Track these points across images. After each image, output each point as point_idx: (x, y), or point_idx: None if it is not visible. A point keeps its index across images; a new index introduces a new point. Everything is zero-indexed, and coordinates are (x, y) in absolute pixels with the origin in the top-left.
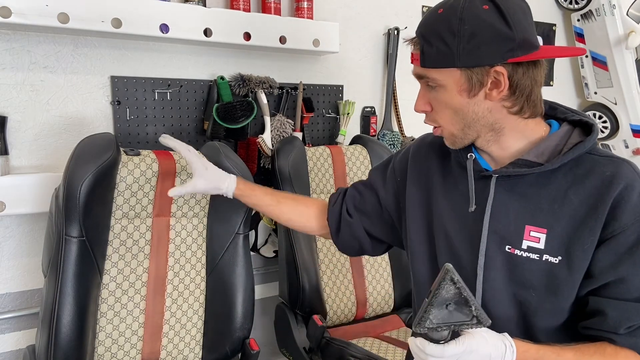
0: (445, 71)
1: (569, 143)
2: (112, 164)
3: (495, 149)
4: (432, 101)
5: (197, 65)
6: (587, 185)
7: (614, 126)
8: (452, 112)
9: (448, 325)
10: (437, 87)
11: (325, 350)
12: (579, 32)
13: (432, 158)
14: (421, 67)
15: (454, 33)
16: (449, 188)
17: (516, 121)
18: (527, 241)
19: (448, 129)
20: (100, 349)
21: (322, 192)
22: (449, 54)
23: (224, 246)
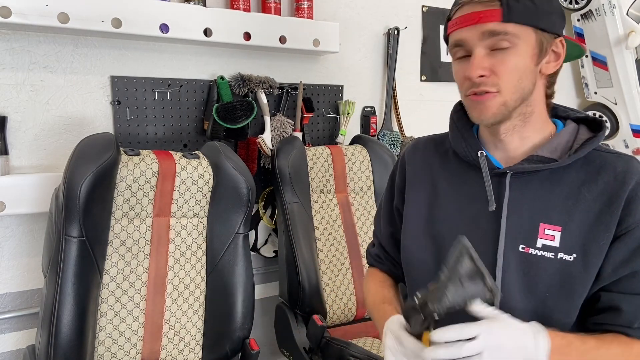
0: (524, 30)
1: (579, 139)
2: (112, 164)
3: (515, 138)
4: (496, 65)
5: (197, 65)
6: (599, 181)
7: (614, 126)
8: (518, 76)
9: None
10: (510, 47)
11: (325, 350)
12: (579, 32)
13: (432, 157)
14: (504, 21)
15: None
16: (455, 188)
17: (542, 109)
18: (541, 239)
19: (505, 96)
20: (100, 349)
21: (322, 192)
22: (534, 11)
23: (224, 246)
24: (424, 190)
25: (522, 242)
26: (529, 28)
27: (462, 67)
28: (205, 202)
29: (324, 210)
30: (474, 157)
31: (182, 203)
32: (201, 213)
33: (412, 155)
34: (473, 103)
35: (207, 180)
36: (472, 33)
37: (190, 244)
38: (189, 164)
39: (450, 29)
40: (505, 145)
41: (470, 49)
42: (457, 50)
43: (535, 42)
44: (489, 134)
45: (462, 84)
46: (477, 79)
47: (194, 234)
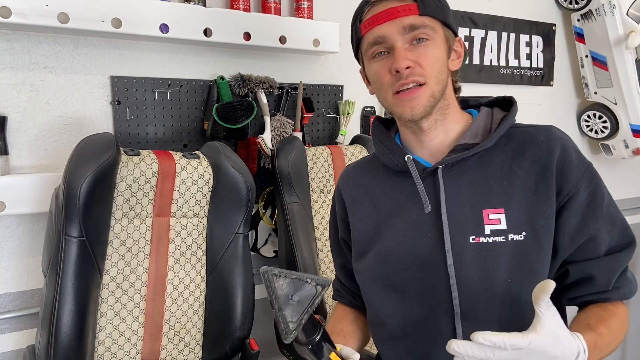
0: (437, 24)
1: (495, 120)
2: (112, 164)
3: (440, 132)
4: (419, 57)
5: (197, 65)
6: (526, 155)
7: (614, 126)
8: (439, 68)
9: (305, 312)
10: (429, 40)
11: None
12: (579, 32)
13: (364, 177)
14: (420, 15)
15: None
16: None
17: (455, 102)
18: (488, 225)
19: (432, 87)
20: (100, 349)
21: (322, 192)
22: (441, 8)
23: (224, 246)
24: (366, 212)
25: (471, 233)
26: (439, 23)
27: (384, 63)
28: (205, 202)
29: (324, 210)
30: (403, 164)
31: (182, 203)
32: (201, 213)
33: (345, 182)
34: (403, 101)
35: (207, 180)
36: (392, 28)
37: (190, 244)
38: (189, 164)
39: (366, 28)
40: (430, 141)
41: (392, 44)
42: (376, 49)
43: (444, 37)
44: (413, 135)
45: (387, 81)
46: (405, 70)
47: (194, 234)
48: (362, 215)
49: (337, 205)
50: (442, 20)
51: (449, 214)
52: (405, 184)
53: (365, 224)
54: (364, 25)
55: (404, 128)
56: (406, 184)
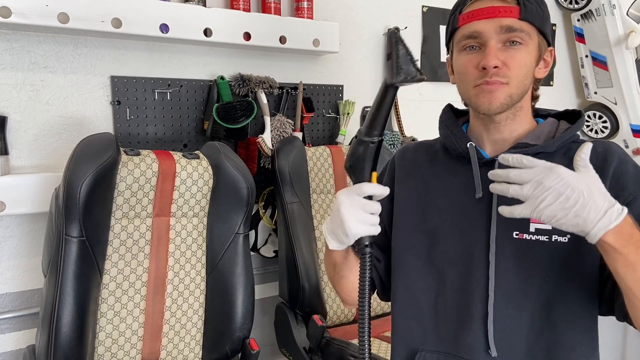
0: (533, 31)
1: (560, 129)
2: (112, 164)
3: (506, 130)
4: (509, 59)
5: (197, 65)
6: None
7: (614, 126)
8: (524, 72)
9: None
10: (521, 45)
11: (325, 350)
12: (579, 32)
13: (421, 158)
14: (520, 19)
15: (542, 1)
16: (446, 182)
17: (529, 107)
18: (534, 224)
19: (512, 88)
20: (100, 349)
21: (322, 192)
22: (542, 16)
23: (224, 246)
24: (414, 189)
25: (515, 228)
26: (536, 30)
27: (474, 57)
28: (205, 202)
29: (324, 210)
30: (464, 149)
31: (182, 203)
32: (201, 213)
33: (402, 156)
34: (484, 92)
35: (207, 180)
36: (489, 26)
37: (190, 244)
38: (189, 164)
39: (464, 21)
40: (495, 136)
41: (485, 41)
42: (469, 42)
43: (537, 45)
44: (482, 127)
45: (471, 74)
46: (492, 69)
47: (194, 234)
48: (410, 191)
49: (387, 176)
50: (540, 28)
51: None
52: (461, 171)
53: (411, 197)
54: (463, 17)
55: (476, 119)
56: (462, 171)
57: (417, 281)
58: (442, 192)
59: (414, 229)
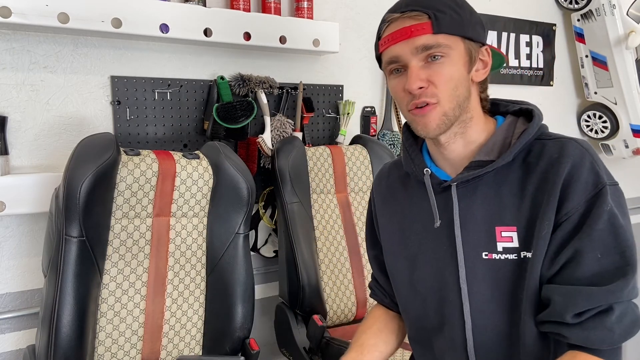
0: (454, 40)
1: (515, 133)
2: (112, 164)
3: (459, 145)
4: (433, 76)
5: (197, 65)
6: (537, 171)
7: (614, 126)
8: (453, 86)
9: None
10: (444, 58)
11: (325, 350)
12: (579, 32)
13: (395, 182)
14: (434, 33)
15: (460, 5)
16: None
17: (480, 112)
18: (501, 243)
19: (444, 106)
20: (100, 349)
21: (322, 192)
22: (460, 22)
23: (224, 246)
24: (394, 214)
25: (483, 249)
26: (458, 38)
27: (400, 81)
28: (205, 202)
29: (324, 210)
30: (422, 176)
31: (182, 203)
32: (201, 213)
33: (378, 184)
34: (416, 117)
35: (207, 180)
36: (405, 48)
37: (190, 244)
38: (189, 164)
39: (383, 47)
40: (450, 154)
41: (406, 63)
42: (393, 66)
43: (464, 51)
44: (435, 146)
45: (402, 99)
46: (417, 91)
47: (194, 234)
48: (390, 217)
49: (371, 204)
50: (461, 34)
51: (462, 230)
52: (427, 195)
53: (393, 225)
54: (382, 43)
55: (427, 139)
56: (427, 195)
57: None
58: (416, 217)
59: (398, 255)
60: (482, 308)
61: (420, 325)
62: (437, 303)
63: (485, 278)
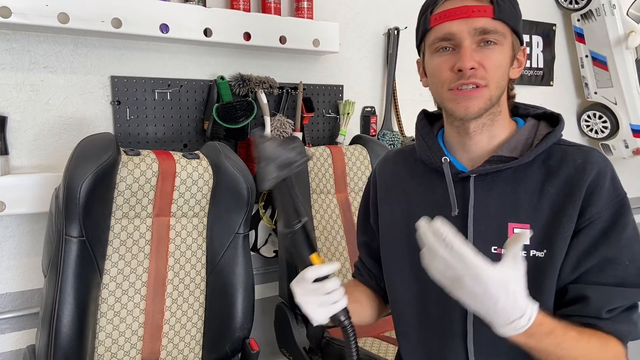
0: (508, 30)
1: (538, 135)
2: (112, 164)
3: (484, 137)
4: (484, 59)
5: (197, 65)
6: (561, 174)
7: (614, 126)
8: (500, 74)
9: (282, 169)
10: (496, 45)
11: (325, 350)
12: (579, 32)
13: (401, 168)
14: (494, 18)
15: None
16: (425, 195)
17: (506, 109)
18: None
19: (491, 90)
20: (100, 349)
21: (322, 192)
22: (516, 15)
23: (224, 246)
24: (397, 202)
25: (493, 243)
26: (510, 30)
27: (447, 59)
28: (205, 202)
29: (324, 210)
30: (439, 164)
31: (182, 203)
32: (201, 213)
33: (382, 169)
34: (459, 97)
35: (207, 180)
36: (463, 27)
37: (190, 244)
38: (189, 164)
39: (437, 22)
40: (473, 145)
41: (459, 43)
42: (442, 44)
43: (511, 44)
44: (457, 135)
45: (447, 77)
46: (469, 71)
47: (194, 234)
48: (393, 204)
49: (371, 189)
50: (513, 27)
51: (475, 222)
52: (439, 184)
53: (396, 214)
54: (435, 18)
55: (450, 126)
56: (440, 184)
57: (404, 296)
58: (423, 205)
59: (399, 243)
60: None
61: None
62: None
63: None
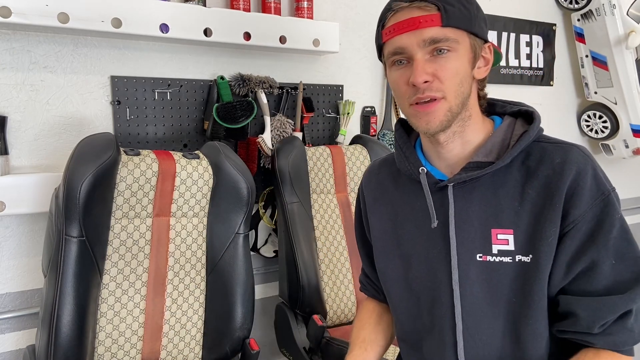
0: (461, 34)
1: (514, 135)
2: (112, 163)
3: (457, 144)
4: (439, 70)
5: (197, 65)
6: (539, 176)
7: (614, 126)
8: (458, 81)
9: None
10: (450, 52)
11: (325, 350)
12: (579, 32)
13: (386, 179)
14: (443, 26)
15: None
16: (409, 205)
17: (478, 111)
18: (496, 245)
19: (450, 101)
20: (100, 349)
21: (322, 192)
22: (468, 17)
23: (224, 246)
24: (385, 212)
25: (478, 250)
26: (464, 33)
27: (403, 73)
28: (205, 202)
29: (324, 210)
30: (417, 174)
31: (182, 203)
32: (201, 213)
33: (368, 181)
34: (419, 113)
35: (207, 180)
36: (412, 40)
37: (190, 244)
38: (189, 164)
39: (387, 36)
40: (447, 153)
41: (411, 56)
42: (396, 58)
43: (469, 46)
44: (431, 145)
45: (404, 92)
46: (423, 85)
47: (194, 234)
48: (381, 215)
49: (361, 202)
50: (468, 29)
51: (457, 231)
52: (420, 194)
53: (385, 224)
54: (385, 33)
55: (423, 136)
56: (421, 194)
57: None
58: (409, 216)
59: (391, 254)
60: (474, 310)
61: (411, 325)
62: (429, 303)
63: (479, 280)
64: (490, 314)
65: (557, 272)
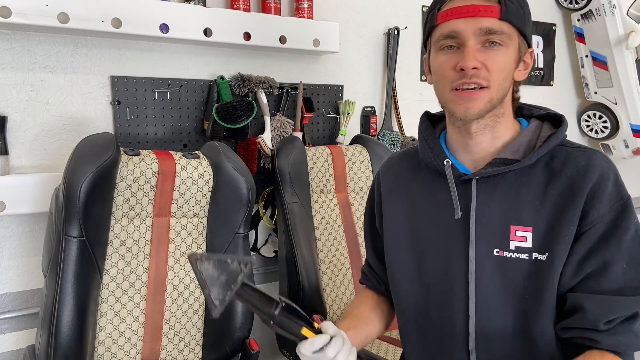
0: (514, 32)
1: (541, 137)
2: (112, 163)
3: (487, 138)
4: (488, 60)
5: (197, 65)
6: (563, 177)
7: (614, 126)
8: (504, 75)
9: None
10: (501, 46)
11: None
12: (579, 32)
13: (405, 170)
14: (501, 19)
15: (525, 3)
16: (428, 197)
17: (511, 111)
18: (514, 242)
19: (493, 93)
20: (100, 349)
21: (322, 192)
22: (524, 17)
23: (224, 246)
24: (400, 203)
25: (495, 246)
26: (516, 31)
27: (451, 58)
28: (205, 202)
29: (324, 210)
30: (441, 166)
31: (182, 203)
32: (201, 213)
33: (386, 171)
34: (460, 98)
35: (207, 180)
36: (468, 26)
37: (190, 244)
38: (189, 164)
39: (443, 19)
40: (475, 146)
41: (464, 41)
42: (447, 42)
43: (517, 46)
44: (460, 136)
45: (449, 76)
46: (471, 71)
47: (194, 234)
48: (397, 207)
49: (375, 192)
50: (520, 29)
51: (477, 225)
52: (442, 186)
53: (400, 215)
54: (442, 15)
55: (452, 127)
56: (443, 186)
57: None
58: (427, 208)
59: (404, 245)
60: (488, 304)
61: (418, 319)
62: (441, 295)
63: (494, 275)
64: (502, 308)
65: (568, 270)
